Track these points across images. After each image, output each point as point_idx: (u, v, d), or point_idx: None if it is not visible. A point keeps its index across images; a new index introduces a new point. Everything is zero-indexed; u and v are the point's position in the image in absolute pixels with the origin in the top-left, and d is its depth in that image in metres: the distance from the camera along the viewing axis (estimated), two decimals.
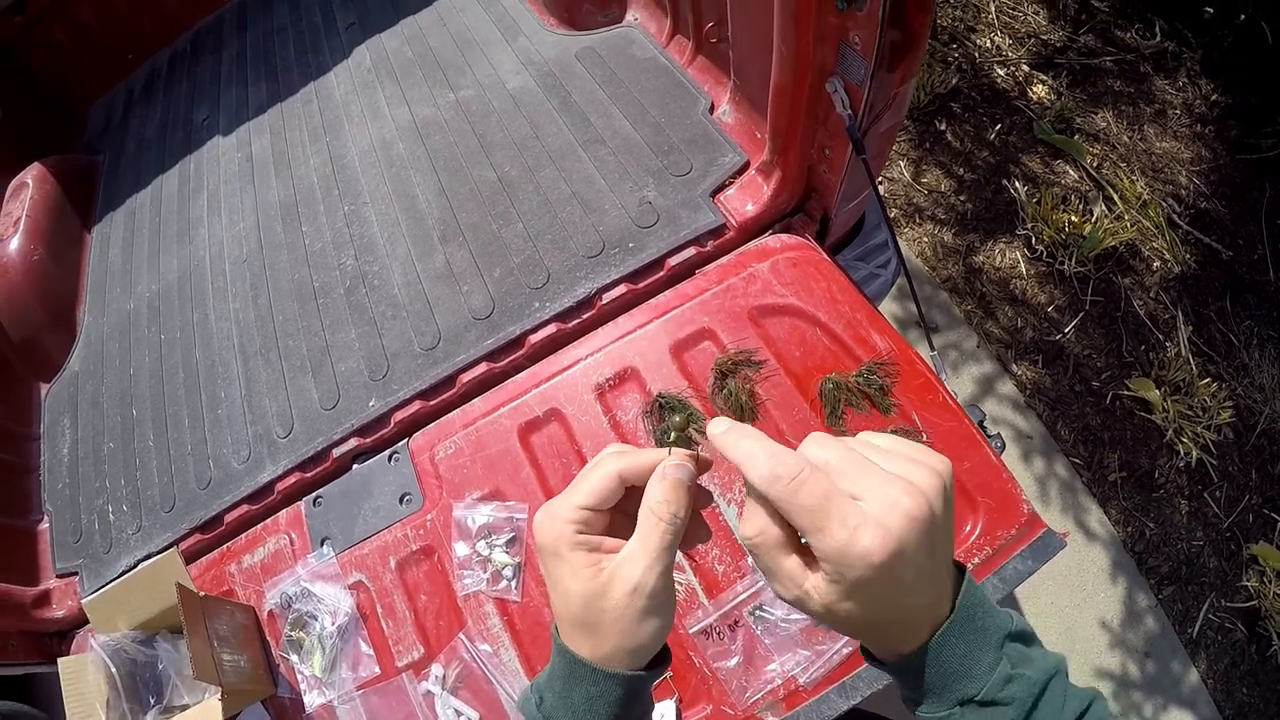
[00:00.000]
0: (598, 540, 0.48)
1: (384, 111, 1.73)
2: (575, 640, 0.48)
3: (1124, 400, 2.39)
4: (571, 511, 0.47)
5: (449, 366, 1.34)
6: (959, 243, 2.60)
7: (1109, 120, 2.80)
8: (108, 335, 1.79)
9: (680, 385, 1.24)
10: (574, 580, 0.46)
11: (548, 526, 0.48)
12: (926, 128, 2.79)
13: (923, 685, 0.46)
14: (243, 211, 1.75)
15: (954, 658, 0.45)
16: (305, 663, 1.30)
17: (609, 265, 1.33)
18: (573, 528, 0.47)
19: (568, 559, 0.47)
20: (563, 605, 0.48)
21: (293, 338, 1.51)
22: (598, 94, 1.56)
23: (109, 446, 1.63)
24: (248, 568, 1.39)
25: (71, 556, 1.55)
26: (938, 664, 0.45)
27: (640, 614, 0.46)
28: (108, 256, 1.93)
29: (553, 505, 0.48)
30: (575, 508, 0.47)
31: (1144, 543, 2.26)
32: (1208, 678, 2.14)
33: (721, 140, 1.43)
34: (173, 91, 2.20)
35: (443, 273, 1.44)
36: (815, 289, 1.27)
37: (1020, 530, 1.09)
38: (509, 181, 1.49)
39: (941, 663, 0.45)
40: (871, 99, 1.06)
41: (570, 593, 0.47)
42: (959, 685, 0.45)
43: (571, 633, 0.48)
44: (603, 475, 0.48)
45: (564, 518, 0.47)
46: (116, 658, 1.31)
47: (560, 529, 0.47)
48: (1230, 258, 2.61)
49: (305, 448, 1.39)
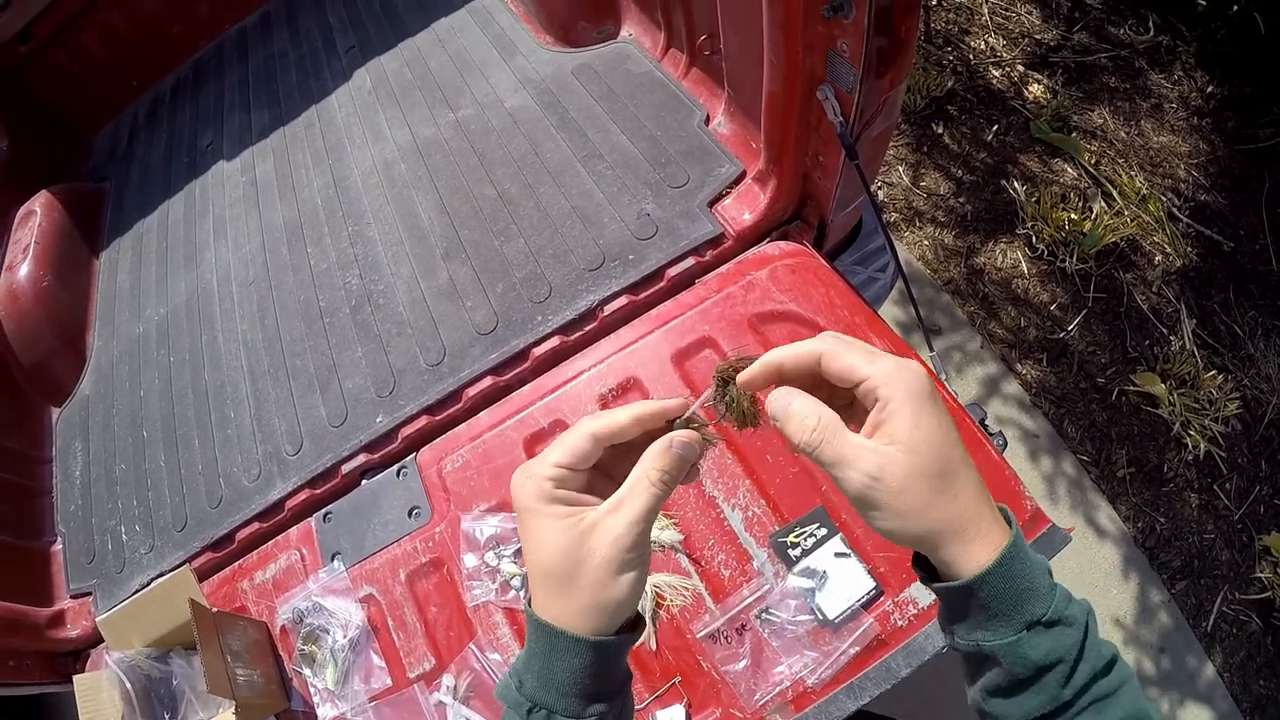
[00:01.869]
0: (576, 496, 0.49)
1: (385, 133, 1.76)
2: (548, 602, 0.48)
3: (1130, 395, 2.39)
4: (549, 469, 0.48)
5: (455, 381, 1.36)
6: (960, 244, 2.61)
7: (1105, 117, 2.81)
8: (117, 359, 1.81)
9: (682, 394, 1.25)
10: (552, 531, 0.47)
11: (526, 485, 0.48)
12: (923, 131, 2.80)
13: (989, 608, 0.46)
14: (248, 234, 1.78)
15: (1022, 574, 0.45)
16: (318, 676, 1.31)
17: (610, 277, 1.35)
18: (551, 484, 0.48)
19: (546, 512, 0.47)
20: (539, 559, 0.47)
21: (300, 357, 1.53)
22: (595, 109, 1.58)
23: (120, 468, 1.65)
24: (260, 584, 1.40)
25: (85, 577, 1.57)
26: (1006, 580, 0.45)
27: (619, 565, 0.47)
28: (115, 281, 1.96)
29: (530, 465, 0.49)
30: (552, 464, 0.48)
31: (1155, 538, 2.25)
32: (1224, 671, 2.13)
33: (717, 151, 1.45)
34: (176, 118, 2.24)
35: (446, 289, 1.46)
36: (814, 295, 1.29)
37: (1024, 526, 1.10)
38: (509, 198, 1.52)
39: (1012, 578, 0.45)
40: (862, 105, 1.08)
41: (548, 543, 0.47)
42: (1027, 604, 0.45)
43: (545, 593, 0.48)
44: (579, 435, 0.49)
45: (542, 475, 0.48)
46: (131, 674, 1.33)
47: (539, 485, 0.48)
48: (1232, 249, 2.61)
49: (314, 464, 1.41)
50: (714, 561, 1.15)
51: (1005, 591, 0.45)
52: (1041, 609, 0.45)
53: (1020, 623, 0.45)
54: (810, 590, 1.09)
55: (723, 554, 1.16)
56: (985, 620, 0.46)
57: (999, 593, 0.45)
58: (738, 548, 1.15)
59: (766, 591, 1.11)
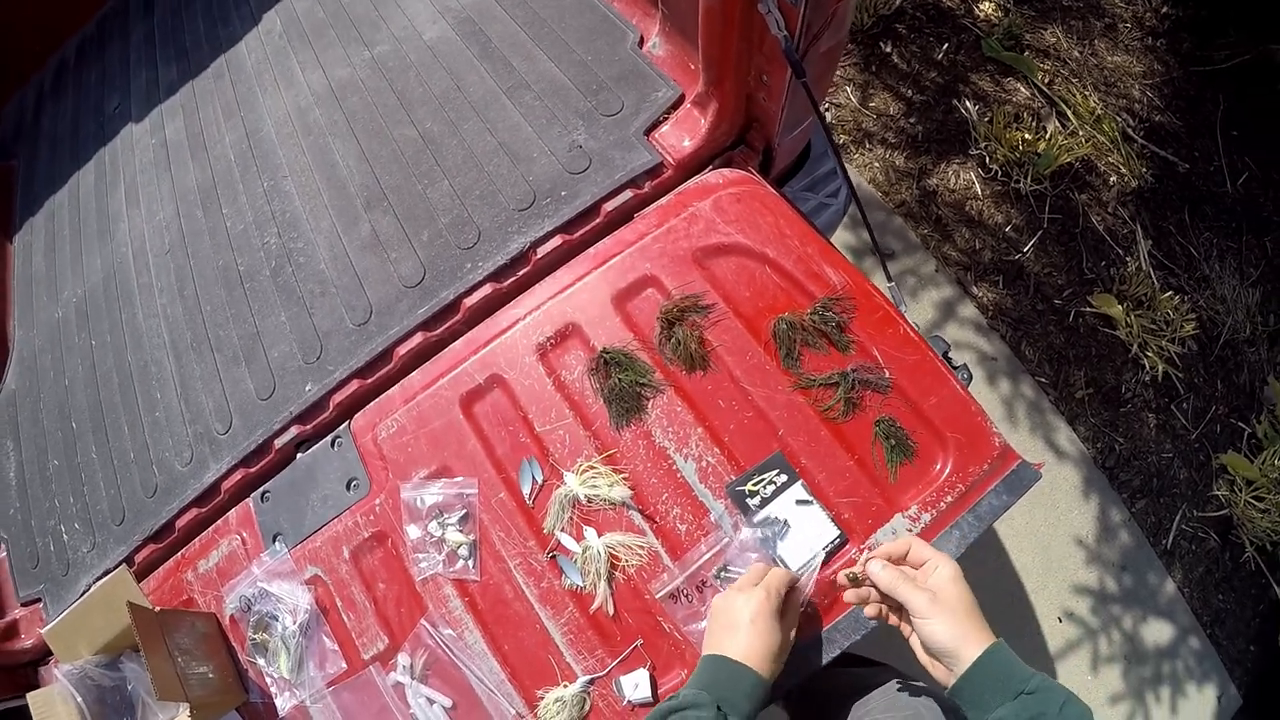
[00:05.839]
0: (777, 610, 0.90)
1: (298, 77, 1.61)
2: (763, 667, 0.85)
3: (1087, 317, 2.35)
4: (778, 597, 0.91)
5: (383, 340, 1.26)
6: (911, 166, 2.51)
7: (1058, 35, 2.71)
8: (39, 348, 1.70)
9: (625, 338, 1.16)
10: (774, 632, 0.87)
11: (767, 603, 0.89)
12: (871, 50, 2.67)
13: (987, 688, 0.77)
14: (161, 200, 1.64)
15: (1006, 662, 0.78)
16: (272, 665, 1.25)
17: (542, 217, 1.25)
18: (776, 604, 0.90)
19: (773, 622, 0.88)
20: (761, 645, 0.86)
21: (223, 327, 1.43)
22: (519, 36, 1.45)
23: (54, 464, 1.56)
24: (204, 573, 1.33)
25: (32, 583, 1.49)
26: (997, 665, 0.77)
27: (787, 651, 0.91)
28: (31, 265, 1.83)
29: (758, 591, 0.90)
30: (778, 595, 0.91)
31: (1114, 458, 2.25)
32: (1184, 587, 2.16)
33: (653, 74, 1.33)
34: (82, 83, 2.06)
35: (369, 242, 1.34)
36: (761, 224, 1.19)
37: (993, 464, 1.03)
38: (431, 138, 1.39)
39: (1000, 664, 0.78)
40: (808, 18, 0.97)
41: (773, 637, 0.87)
42: (1016, 681, 0.76)
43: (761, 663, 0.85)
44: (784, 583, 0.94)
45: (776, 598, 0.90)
46: (81, 686, 1.26)
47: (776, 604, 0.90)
48: (1187, 170, 2.57)
49: (246, 442, 1.32)
50: (669, 517, 1.08)
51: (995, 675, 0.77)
52: (1025, 682, 0.76)
53: (1012, 693, 0.76)
54: (770, 540, 1.02)
55: (678, 508, 1.08)
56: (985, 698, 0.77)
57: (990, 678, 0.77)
58: (693, 500, 1.08)
59: (726, 545, 1.04)
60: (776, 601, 0.88)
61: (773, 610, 0.87)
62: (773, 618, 0.86)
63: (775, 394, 1.10)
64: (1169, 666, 2.08)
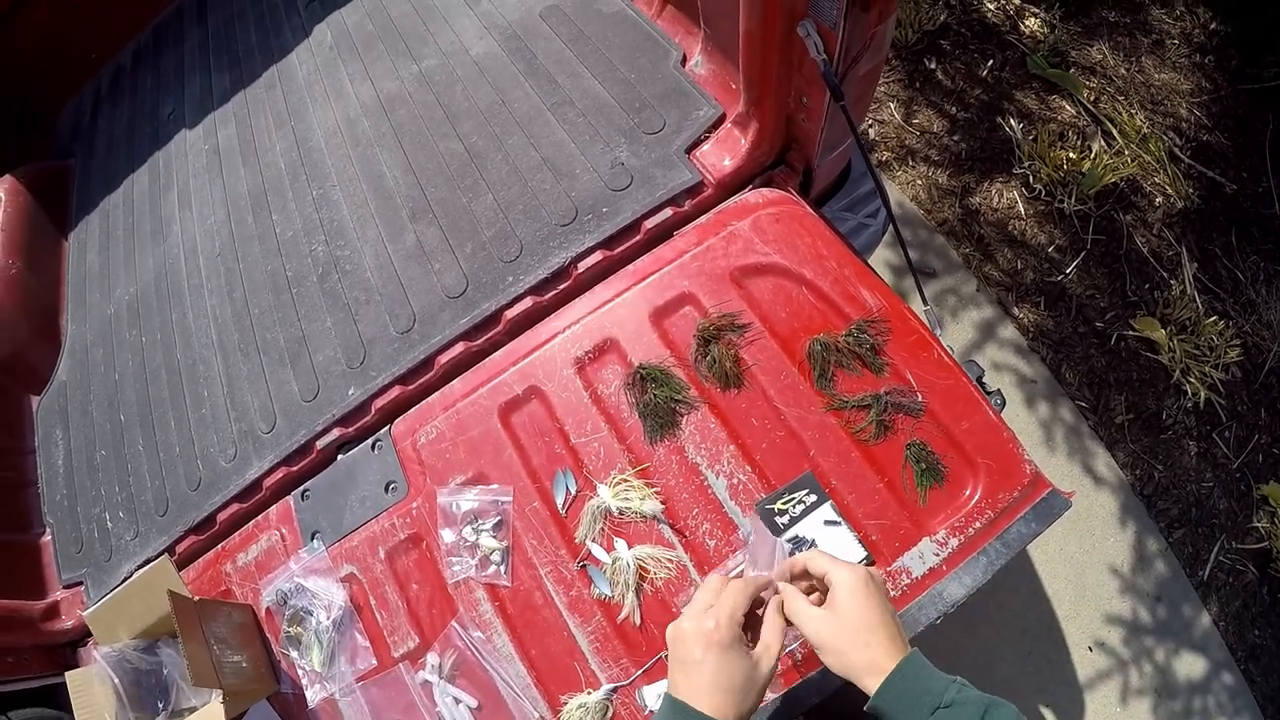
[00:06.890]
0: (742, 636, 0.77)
1: (347, 90, 1.66)
2: (722, 705, 0.72)
3: (1129, 341, 2.31)
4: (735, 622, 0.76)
5: (426, 349, 1.29)
6: (954, 184, 2.50)
7: (1105, 52, 2.68)
8: (91, 342, 1.76)
9: (662, 354, 1.18)
10: (739, 663, 0.74)
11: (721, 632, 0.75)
12: (916, 67, 2.67)
13: (900, 712, 0.70)
14: (213, 204, 1.70)
15: (916, 678, 0.71)
16: (305, 658, 1.28)
17: (583, 232, 1.27)
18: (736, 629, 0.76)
19: (737, 650, 0.75)
20: (722, 680, 0.73)
21: (270, 330, 1.47)
22: (564, 54, 1.48)
23: (101, 454, 1.62)
24: (243, 566, 1.37)
25: (75, 566, 1.55)
26: (908, 683, 0.71)
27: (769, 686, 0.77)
28: (85, 262, 1.90)
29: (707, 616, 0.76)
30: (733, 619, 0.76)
31: (1153, 485, 2.21)
32: (1219, 620, 2.11)
33: (695, 93, 1.35)
34: (138, 88, 2.14)
35: (414, 252, 1.38)
36: (799, 245, 1.20)
37: (1023, 492, 1.03)
38: (476, 152, 1.43)
39: (910, 681, 0.71)
40: (847, 41, 0.98)
41: (736, 669, 0.74)
42: (929, 697, 0.70)
43: (719, 697, 0.72)
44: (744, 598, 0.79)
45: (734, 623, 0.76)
46: (119, 668, 1.31)
47: (736, 631, 0.76)
48: (1234, 191, 2.51)
49: (289, 442, 1.36)
50: (698, 532, 1.10)
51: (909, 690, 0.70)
52: (941, 696, 0.70)
53: (927, 709, 0.69)
54: None
55: (707, 523, 1.10)
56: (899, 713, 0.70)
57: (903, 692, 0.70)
58: (723, 517, 1.09)
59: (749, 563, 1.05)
60: (731, 629, 0.75)
61: (726, 640, 0.74)
62: (727, 648, 0.74)
63: (808, 414, 1.11)
64: (1200, 702, 2.03)
